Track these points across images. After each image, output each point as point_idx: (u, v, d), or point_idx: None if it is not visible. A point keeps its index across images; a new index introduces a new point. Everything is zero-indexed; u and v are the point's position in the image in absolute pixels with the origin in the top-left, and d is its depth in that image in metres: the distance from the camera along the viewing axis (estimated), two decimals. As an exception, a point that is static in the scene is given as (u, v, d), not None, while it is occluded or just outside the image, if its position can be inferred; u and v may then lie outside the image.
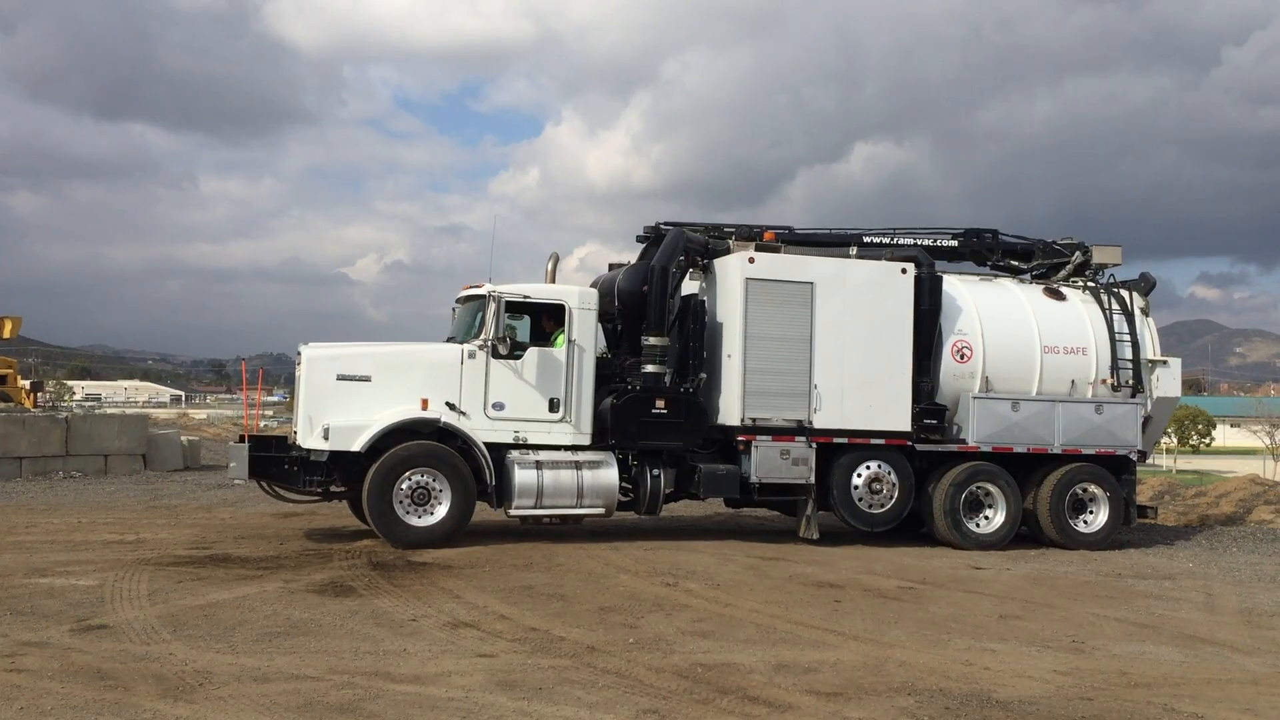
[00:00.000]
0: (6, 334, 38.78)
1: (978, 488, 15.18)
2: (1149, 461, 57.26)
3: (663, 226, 15.42)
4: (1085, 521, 15.64)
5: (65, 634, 8.45)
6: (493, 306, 13.71)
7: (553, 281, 14.71)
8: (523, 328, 14.41)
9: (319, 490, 13.55)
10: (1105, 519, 15.64)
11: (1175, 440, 66.69)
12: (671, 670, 7.90)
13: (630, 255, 15.88)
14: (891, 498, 14.88)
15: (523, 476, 13.52)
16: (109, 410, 50.06)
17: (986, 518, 15.26)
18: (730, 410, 14.47)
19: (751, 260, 14.54)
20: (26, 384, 39.83)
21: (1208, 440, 74.79)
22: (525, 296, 14.08)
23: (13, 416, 23.96)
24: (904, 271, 15.11)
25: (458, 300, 14.72)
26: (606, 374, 14.65)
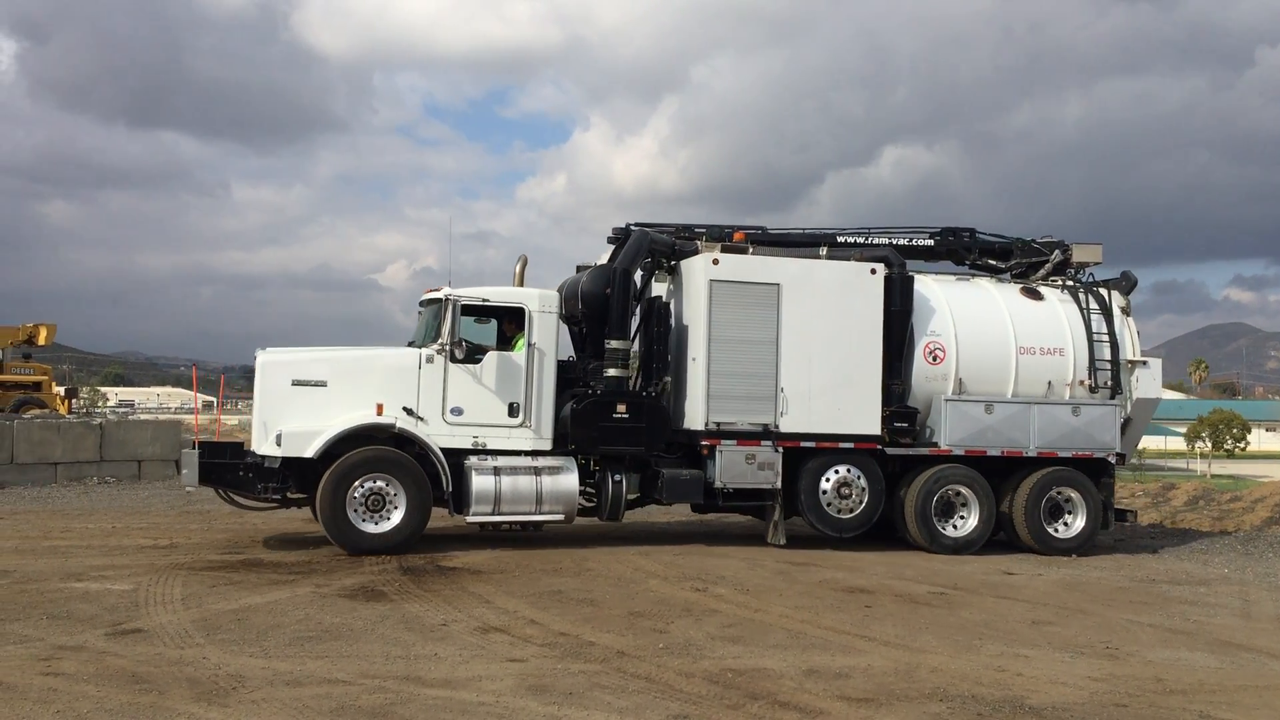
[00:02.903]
0: (41, 341, 39.27)
1: (950, 491, 14.89)
2: (1185, 465, 56.75)
3: (632, 227, 15.17)
4: (1064, 525, 15.31)
5: (101, 638, 8.54)
6: (449, 310, 13.48)
7: (521, 285, 14.47)
8: (490, 332, 14.16)
9: (276, 497, 13.39)
10: (1083, 524, 15.29)
11: (1210, 445, 66.02)
12: (701, 675, 7.89)
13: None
14: (861, 502, 14.61)
15: (480, 483, 13.33)
16: (142, 416, 50.50)
17: (961, 520, 14.97)
18: (695, 414, 14.25)
19: (716, 261, 14.30)
20: (61, 390, 40.30)
21: (1242, 445, 74.01)
22: (484, 300, 13.87)
23: (48, 423, 24.24)
24: (873, 272, 14.82)
25: (420, 304, 14.48)
26: (572, 378, 14.49)
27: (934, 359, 15.12)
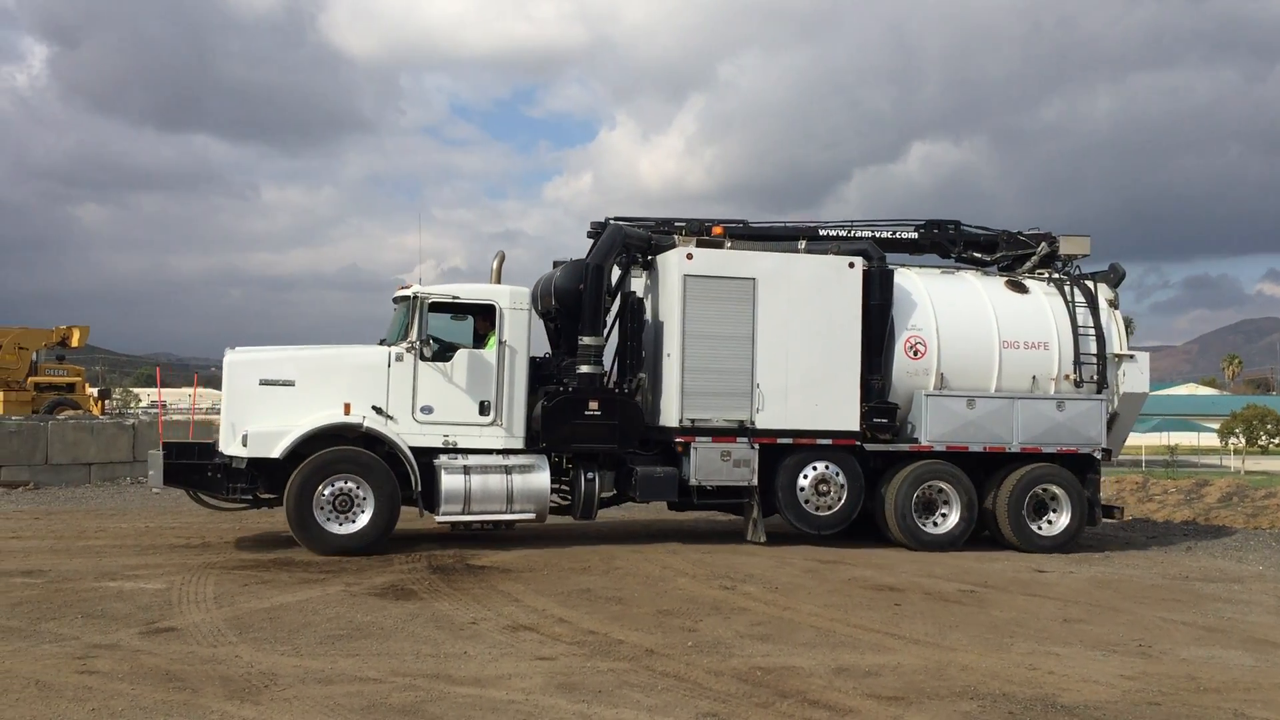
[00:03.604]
0: (75, 343, 39.69)
1: (930, 488, 14.68)
2: (1218, 462, 56.22)
3: (612, 222, 15.03)
4: (1048, 523, 15.07)
5: (134, 636, 8.62)
6: (418, 308, 13.35)
7: (498, 281, 14.28)
8: (467, 329, 13.96)
9: (247, 498, 13.29)
10: (1067, 521, 15.01)
11: (1244, 441, 65.36)
12: (731, 673, 7.89)
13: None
14: (840, 499, 14.43)
15: (449, 482, 13.17)
16: (175, 417, 50.96)
17: (942, 517, 14.74)
18: (669, 411, 14.07)
19: (689, 256, 14.14)
20: (94, 392, 40.72)
21: (1276, 440, 73.14)
22: (454, 297, 13.67)
23: (81, 424, 24.50)
24: (851, 265, 14.61)
25: (394, 301, 14.27)
26: (547, 375, 14.41)
27: (915, 353, 14.93)
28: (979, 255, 16.77)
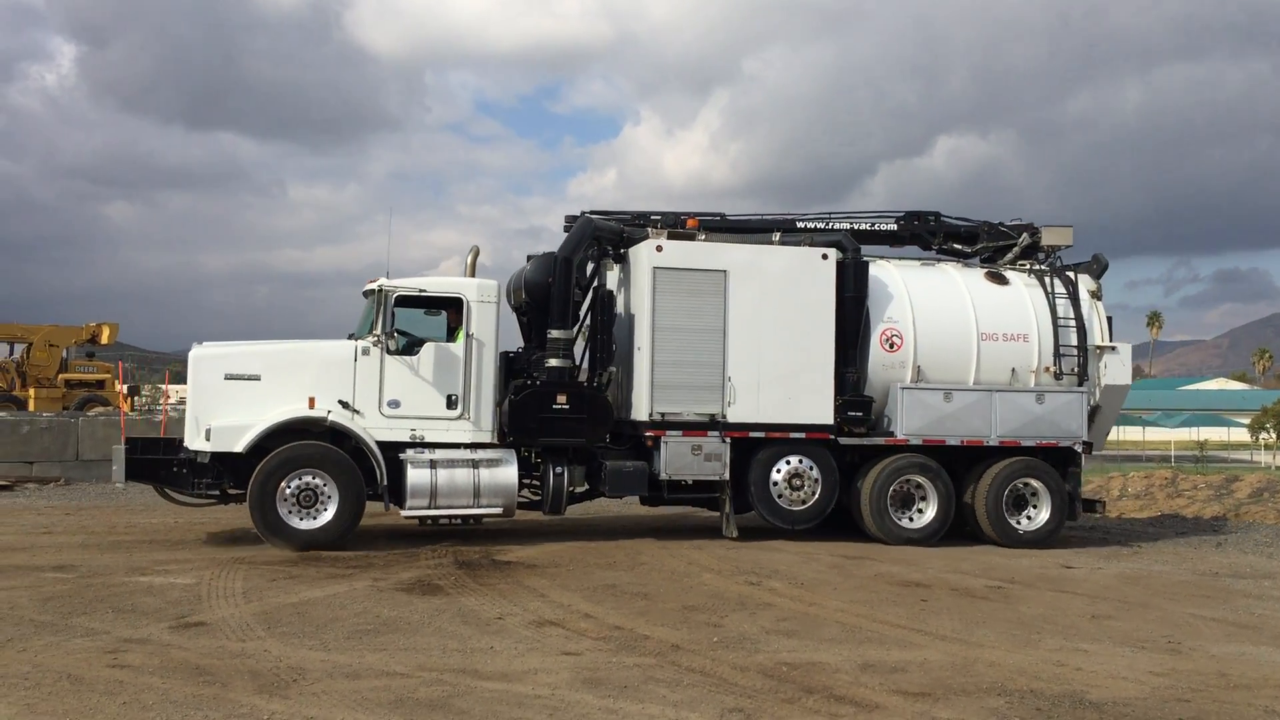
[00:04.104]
0: (105, 340, 40.07)
1: (907, 482, 14.54)
2: (1249, 457, 55.65)
3: (593, 216, 14.93)
4: (1027, 518, 14.90)
5: (165, 631, 8.70)
6: (384, 301, 13.27)
7: (472, 275, 14.20)
8: (440, 323, 13.86)
9: (214, 493, 13.24)
10: (1047, 516, 14.84)
11: (1275, 436, 64.66)
12: (756, 669, 7.88)
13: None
14: (814, 494, 14.30)
15: (415, 476, 13.08)
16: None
17: (919, 512, 14.61)
18: (640, 405, 13.97)
19: (659, 248, 14.01)
20: (124, 388, 41.08)
21: (1309, 435, 72.34)
22: (421, 290, 13.55)
23: (111, 420, 24.71)
24: (825, 257, 14.49)
25: (364, 294, 14.12)
26: (519, 369, 14.33)
27: (891, 346, 14.78)
28: (960, 247, 16.62)
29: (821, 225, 15.64)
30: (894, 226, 16.30)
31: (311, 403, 13.03)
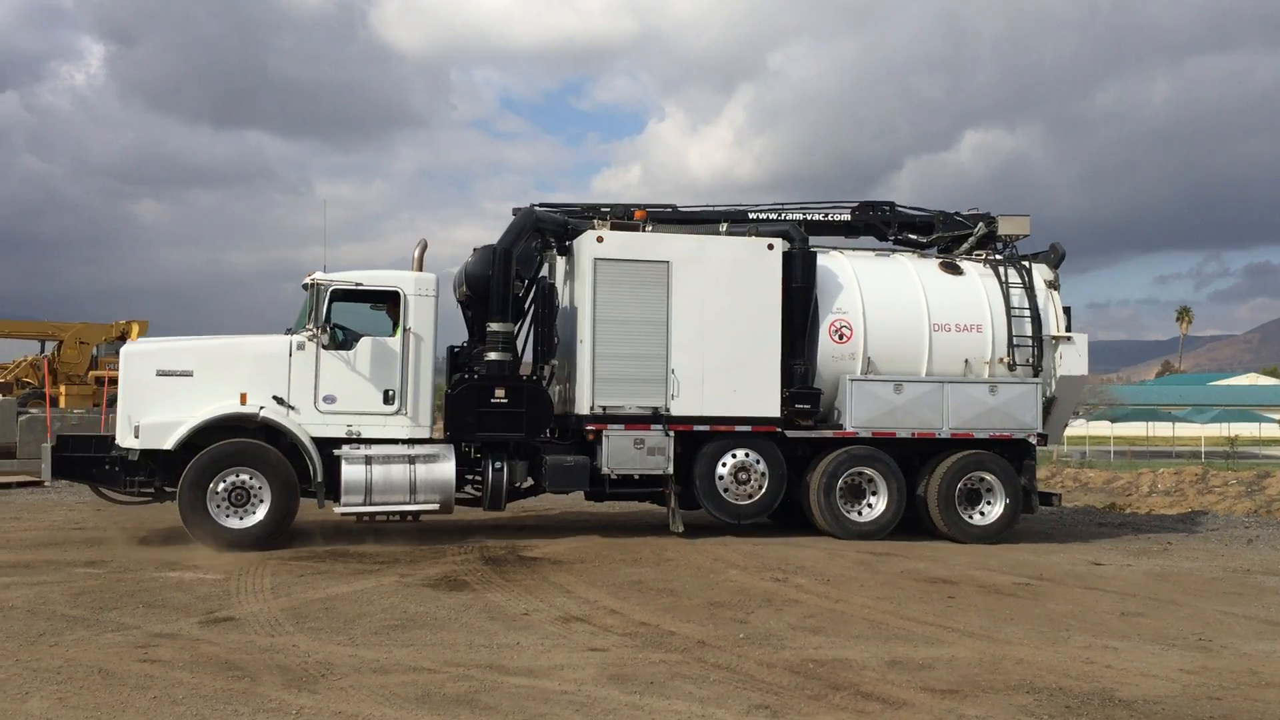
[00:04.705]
0: (134, 338, 40.36)
1: (857, 475, 14.41)
2: None
3: (537, 207, 14.81)
4: (982, 512, 14.74)
5: (194, 626, 8.77)
6: (319, 295, 13.09)
7: (419, 270, 13.94)
8: (385, 318, 13.67)
9: (149, 491, 13.09)
10: (1001, 510, 14.70)
11: (1306, 431, 63.95)
12: (783, 665, 7.87)
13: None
14: (761, 488, 14.13)
15: (350, 473, 12.90)
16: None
17: (870, 505, 14.47)
18: (581, 398, 13.81)
19: (600, 239, 13.88)
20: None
21: (1342, 430, 71.49)
22: (358, 284, 13.40)
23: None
24: (771, 247, 14.32)
25: (303, 287, 13.73)
26: (463, 363, 14.20)
27: (840, 337, 14.62)
28: (915, 237, 16.46)
29: (774, 216, 15.49)
30: (848, 217, 16.14)
31: (243, 399, 12.87)
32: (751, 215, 15.47)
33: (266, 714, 6.50)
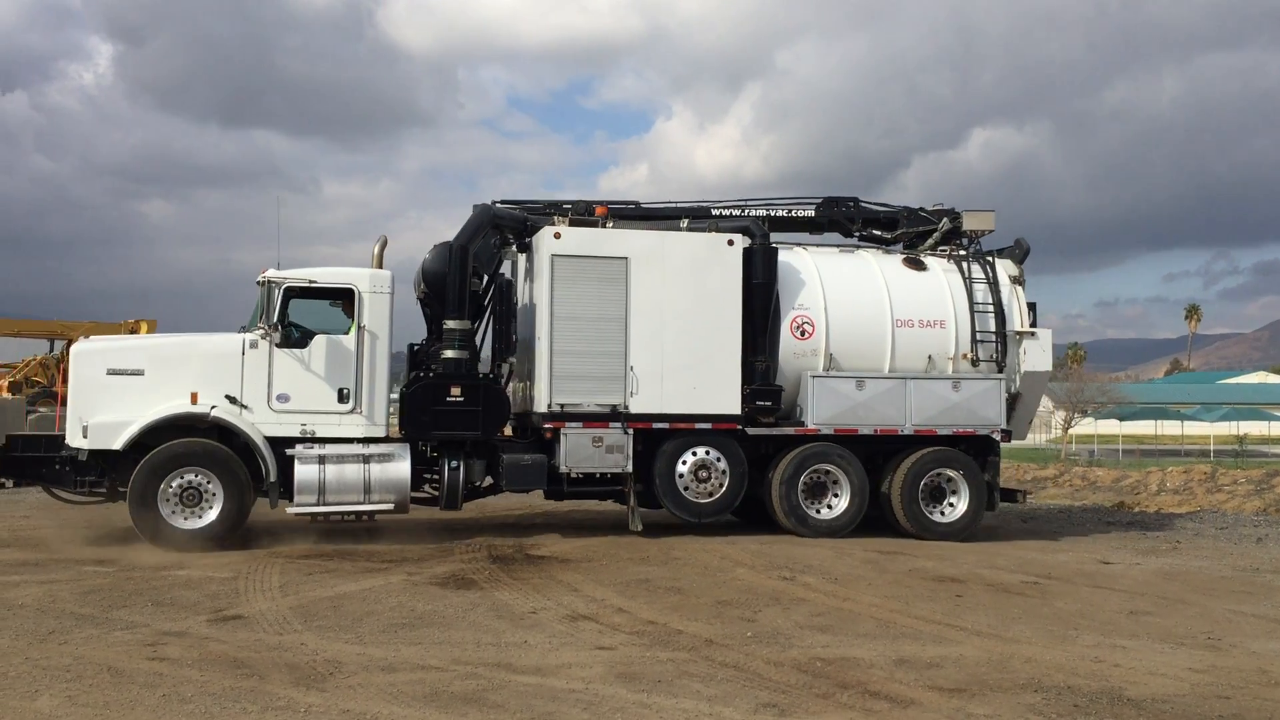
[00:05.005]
0: (143, 337, 40.48)
1: (819, 472, 14.31)
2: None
3: (498, 203, 14.71)
4: (946, 509, 14.64)
5: (203, 624, 8.80)
6: (272, 293, 12.93)
7: (379, 267, 13.77)
8: (344, 317, 13.48)
9: (101, 491, 12.96)
10: (965, 507, 14.60)
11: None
12: (790, 664, 7.87)
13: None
14: (721, 485, 14.03)
15: (303, 472, 12.74)
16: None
17: (830, 505, 14.40)
18: (539, 396, 13.69)
19: (558, 235, 13.74)
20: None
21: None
22: (311, 281, 13.24)
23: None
24: (731, 243, 14.21)
25: (257, 284, 13.47)
26: (422, 361, 14.10)
27: (802, 334, 14.53)
28: (880, 233, 16.39)
29: (738, 212, 15.40)
30: (812, 213, 16.05)
31: (194, 398, 12.72)
32: (715, 211, 15.37)
33: (275, 712, 6.52)
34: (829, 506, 14.45)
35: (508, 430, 15.06)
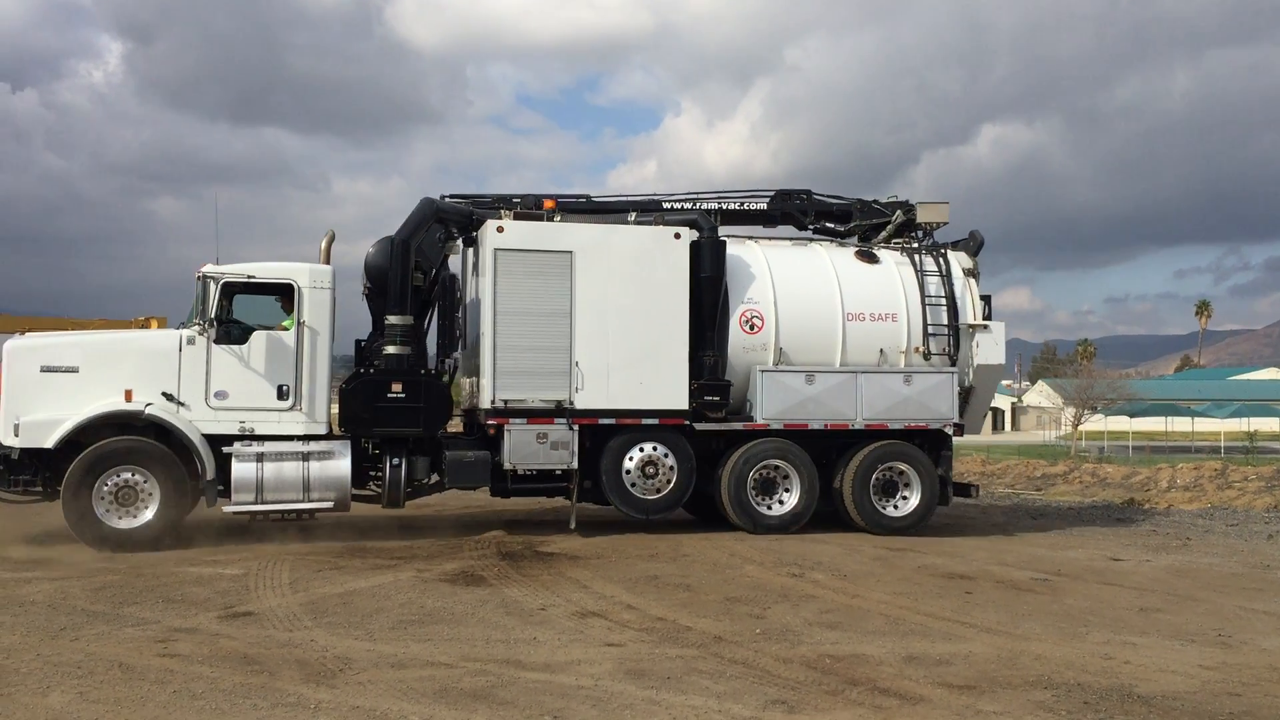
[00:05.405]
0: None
1: (768, 468, 14.15)
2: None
3: (447, 197, 14.59)
4: (899, 503, 14.55)
5: (213, 620, 8.82)
6: (209, 288, 12.75)
7: (326, 262, 13.63)
8: (284, 313, 13.29)
9: (36, 490, 12.63)
10: (918, 500, 14.50)
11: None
12: (799, 661, 7.86)
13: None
14: (669, 482, 13.87)
15: (240, 470, 12.54)
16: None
17: (782, 500, 14.25)
18: (484, 392, 13.50)
19: (501, 229, 13.57)
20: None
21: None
22: (249, 276, 13.02)
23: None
24: (678, 236, 14.00)
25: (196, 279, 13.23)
26: (366, 357, 13.88)
27: (751, 327, 14.36)
28: (833, 226, 16.28)
29: (690, 206, 15.28)
30: (764, 206, 15.94)
31: (128, 395, 12.52)
32: (665, 205, 15.24)
33: (285, 708, 6.54)
34: (780, 502, 14.33)
35: (459, 427, 14.99)
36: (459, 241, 14.76)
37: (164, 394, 12.66)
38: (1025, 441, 63.96)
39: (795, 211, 16.12)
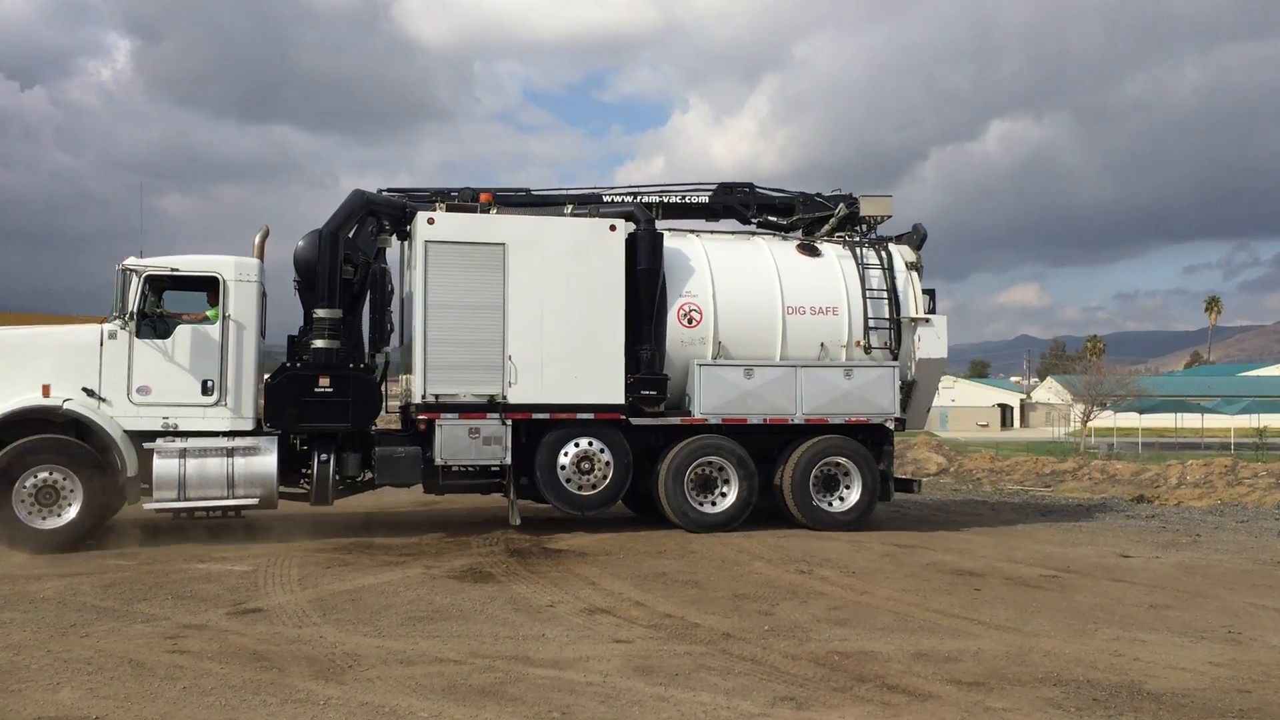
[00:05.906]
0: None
1: (706, 465, 13.99)
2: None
3: (384, 191, 14.44)
4: (840, 498, 14.44)
5: (223, 617, 8.85)
6: (132, 282, 12.49)
7: (260, 257, 13.36)
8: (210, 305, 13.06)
9: None
10: (859, 496, 14.39)
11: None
12: (808, 658, 7.86)
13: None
14: (605, 478, 13.68)
15: (161, 467, 12.25)
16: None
17: (722, 495, 14.08)
18: (415, 386, 13.30)
19: (431, 221, 13.33)
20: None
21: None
22: (174, 270, 12.74)
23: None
24: (613, 228, 13.84)
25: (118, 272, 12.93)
26: (296, 352, 13.61)
27: (689, 321, 14.17)
28: (776, 219, 16.16)
29: (631, 198, 15.15)
30: (705, 199, 15.85)
31: (46, 391, 12.22)
32: (606, 197, 15.10)
33: (294, 704, 6.55)
34: (722, 495, 14.16)
35: (395, 424, 14.86)
36: (393, 235, 14.58)
37: (84, 389, 12.38)
38: (1034, 438, 63.86)
39: (738, 205, 16.03)
